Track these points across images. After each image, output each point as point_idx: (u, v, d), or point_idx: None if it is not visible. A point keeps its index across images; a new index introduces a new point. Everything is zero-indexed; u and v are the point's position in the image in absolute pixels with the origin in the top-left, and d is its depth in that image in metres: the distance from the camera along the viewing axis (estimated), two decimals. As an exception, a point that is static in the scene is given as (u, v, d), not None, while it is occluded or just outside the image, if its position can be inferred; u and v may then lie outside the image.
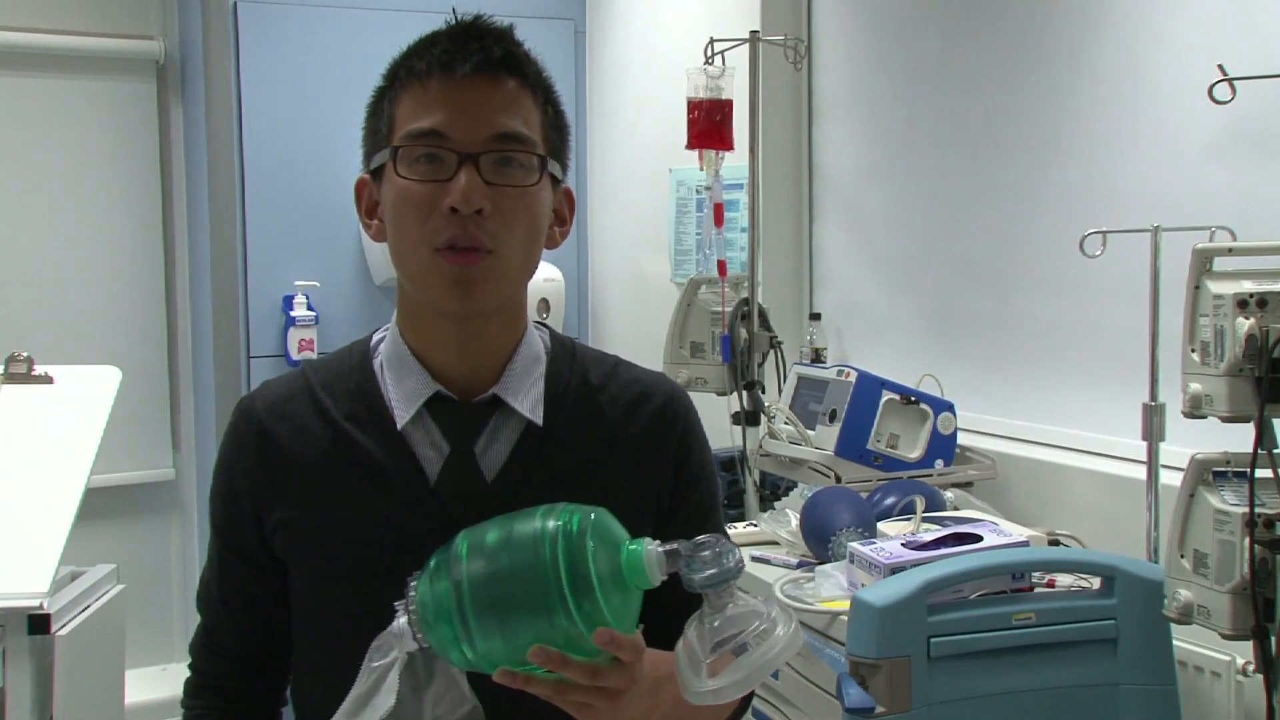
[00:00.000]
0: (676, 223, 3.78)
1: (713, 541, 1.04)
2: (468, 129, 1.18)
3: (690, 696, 1.04)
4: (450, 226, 1.17)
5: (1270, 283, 1.45)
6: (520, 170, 1.20)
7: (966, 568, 1.80)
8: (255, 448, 1.29)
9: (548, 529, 1.04)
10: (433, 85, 1.19)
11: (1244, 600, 1.42)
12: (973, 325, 2.83)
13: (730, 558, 1.03)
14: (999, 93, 2.70)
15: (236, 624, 1.34)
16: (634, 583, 1.04)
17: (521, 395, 1.26)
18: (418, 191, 1.18)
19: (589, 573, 1.02)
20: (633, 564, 1.04)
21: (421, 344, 1.27)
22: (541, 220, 1.24)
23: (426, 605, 1.05)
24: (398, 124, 1.21)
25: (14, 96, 4.04)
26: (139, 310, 4.25)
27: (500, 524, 1.07)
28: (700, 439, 1.36)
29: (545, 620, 1.02)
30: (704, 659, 1.04)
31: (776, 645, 1.03)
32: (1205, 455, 1.49)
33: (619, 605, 1.04)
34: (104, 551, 2.73)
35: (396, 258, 1.23)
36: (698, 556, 1.03)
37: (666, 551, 1.04)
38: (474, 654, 1.04)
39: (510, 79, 1.21)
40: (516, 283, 1.25)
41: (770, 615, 1.04)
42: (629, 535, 1.08)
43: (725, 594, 1.04)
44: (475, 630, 1.03)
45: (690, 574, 1.04)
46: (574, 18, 4.41)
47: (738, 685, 1.03)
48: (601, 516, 1.07)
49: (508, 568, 1.03)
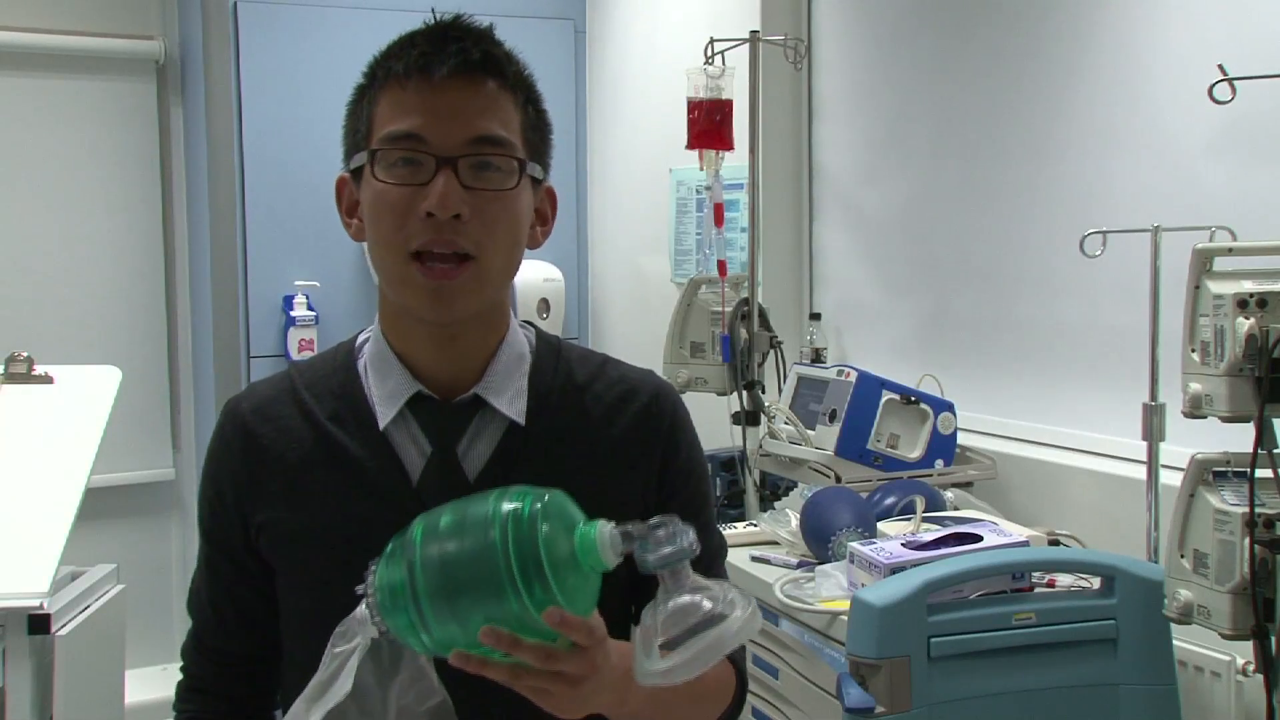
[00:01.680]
0: (676, 223, 3.78)
1: (667, 521, 1.03)
2: (445, 132, 1.17)
3: (640, 678, 1.03)
4: (426, 231, 1.16)
5: (1270, 283, 1.45)
6: (499, 174, 1.19)
7: (966, 568, 1.80)
8: (240, 449, 1.28)
9: (499, 511, 1.03)
10: (411, 87, 1.18)
11: (1244, 600, 1.42)
12: (973, 325, 2.83)
13: (684, 538, 1.02)
14: (999, 92, 2.71)
15: (226, 626, 1.33)
16: (588, 564, 1.03)
17: (504, 395, 1.25)
18: (395, 195, 1.17)
19: (539, 554, 1.01)
20: (586, 545, 1.03)
21: (403, 344, 1.26)
22: (522, 223, 1.23)
23: (383, 590, 1.04)
24: (376, 125, 1.20)
25: (14, 96, 4.04)
26: (139, 310, 4.25)
27: (454, 508, 1.06)
28: (688, 436, 1.35)
29: (495, 603, 1.00)
30: (656, 640, 1.02)
31: (732, 627, 1.01)
32: (1205, 455, 1.49)
33: (572, 588, 1.02)
34: (104, 551, 2.72)
35: (374, 260, 1.22)
36: (652, 536, 1.02)
37: (621, 532, 1.03)
38: (431, 640, 1.03)
39: (489, 81, 1.20)
40: (498, 287, 1.24)
41: (727, 598, 1.03)
42: (584, 517, 1.06)
43: (680, 575, 1.03)
44: (429, 615, 1.02)
45: (644, 554, 1.02)
46: (574, 18, 4.41)
47: (687, 666, 1.00)
48: (556, 497, 1.06)
49: (457, 551, 1.02)
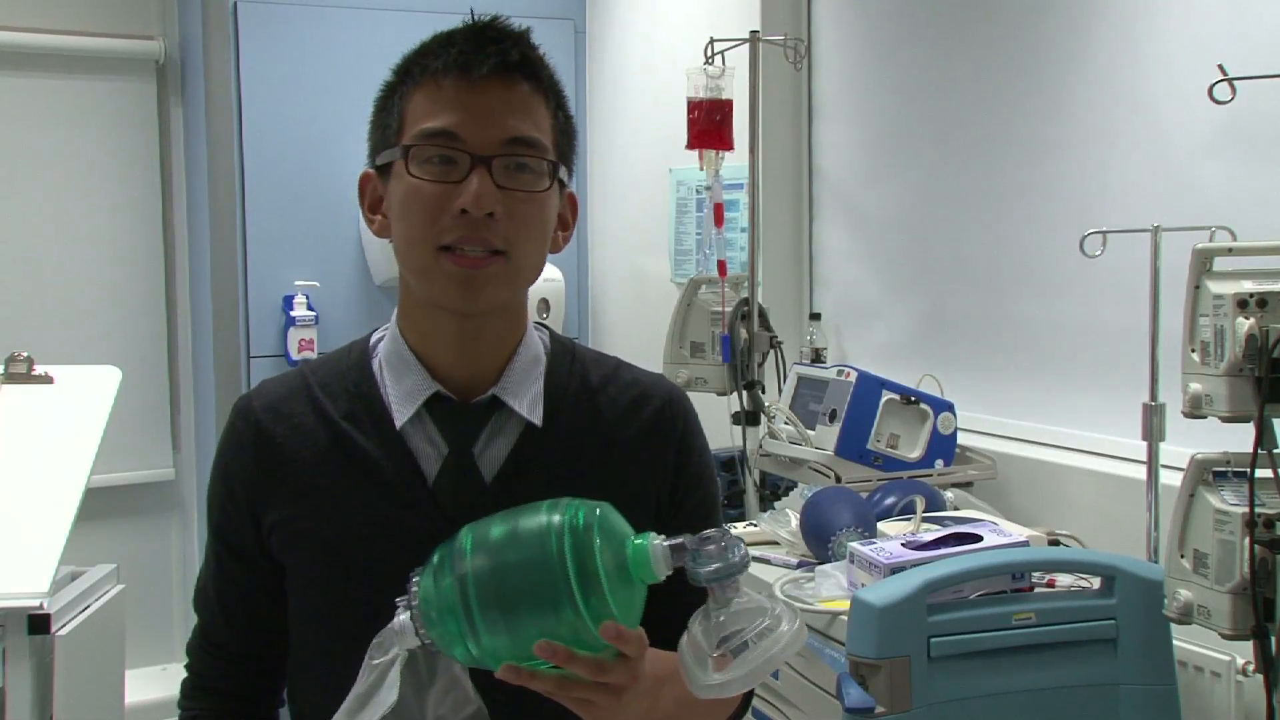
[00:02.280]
0: (676, 223, 3.78)
1: (718, 535, 1.04)
2: (482, 131, 1.18)
3: (697, 691, 1.04)
4: (459, 227, 1.17)
5: (1270, 283, 1.44)
6: (531, 175, 1.20)
7: (966, 568, 1.80)
8: (253, 447, 1.28)
9: (554, 523, 1.04)
10: (448, 85, 1.19)
11: (1244, 600, 1.42)
12: (973, 325, 2.83)
13: (735, 552, 1.04)
14: (999, 92, 2.70)
15: (234, 624, 1.33)
16: (639, 577, 1.04)
17: (521, 396, 1.26)
18: (428, 191, 1.18)
19: (596, 567, 1.02)
20: (639, 559, 1.04)
21: (422, 343, 1.26)
22: (550, 225, 1.24)
23: (430, 601, 1.05)
24: (409, 122, 1.20)
25: (14, 96, 4.04)
26: (139, 310, 4.25)
27: (505, 518, 1.07)
28: (700, 440, 1.36)
29: (552, 615, 1.01)
30: (710, 653, 1.04)
31: (781, 640, 1.03)
32: (1205, 455, 1.49)
33: (624, 600, 1.04)
34: (104, 551, 2.72)
35: (401, 254, 1.23)
36: (703, 550, 1.04)
37: (672, 546, 1.04)
38: (478, 650, 1.04)
39: (525, 83, 1.21)
40: (523, 285, 1.25)
41: (775, 611, 1.05)
42: (633, 530, 1.08)
43: (730, 588, 1.04)
44: (480, 626, 1.02)
45: (696, 568, 1.04)
46: (574, 18, 4.41)
47: (744, 680, 1.03)
48: (606, 511, 1.07)
49: (514, 563, 1.03)
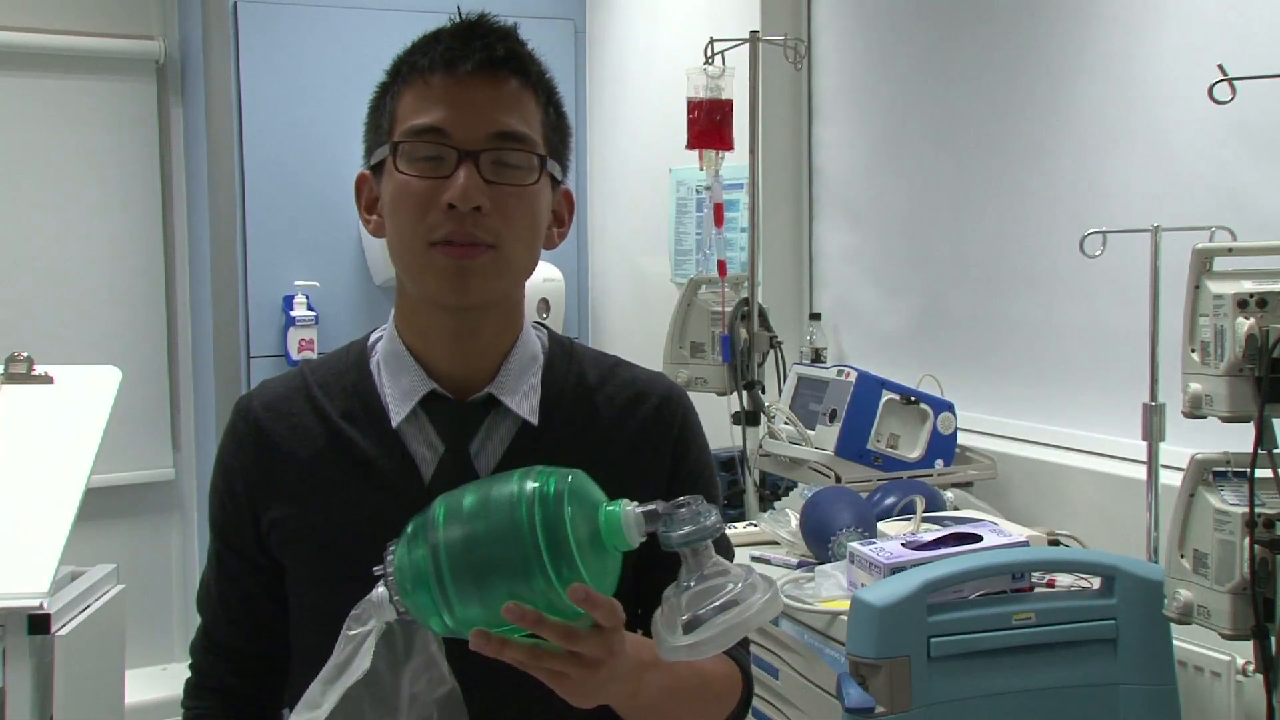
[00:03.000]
0: (676, 223, 3.78)
1: (690, 501, 1.04)
2: (468, 127, 1.19)
3: (665, 653, 1.04)
4: (448, 222, 1.18)
5: (1270, 283, 1.45)
6: (519, 169, 1.21)
7: (966, 568, 1.80)
8: (253, 446, 1.29)
9: (524, 491, 1.04)
10: (435, 82, 1.20)
11: (1244, 600, 1.42)
12: (973, 325, 2.83)
13: (707, 516, 1.03)
14: (999, 92, 2.70)
15: (235, 624, 1.34)
16: (612, 544, 1.04)
17: (517, 395, 1.26)
18: (417, 187, 1.19)
19: (566, 533, 1.01)
20: (611, 525, 1.04)
21: (418, 341, 1.27)
22: (540, 219, 1.25)
23: (404, 571, 1.05)
24: (399, 120, 1.22)
25: (14, 96, 4.04)
26: (139, 310, 4.25)
27: (477, 488, 1.07)
28: (698, 439, 1.36)
29: (523, 583, 1.01)
30: (680, 617, 1.03)
31: (754, 606, 1.02)
32: (1205, 455, 1.49)
33: (597, 567, 1.03)
34: (104, 551, 2.72)
35: (394, 252, 1.24)
36: (675, 515, 1.03)
37: (644, 512, 1.04)
38: (452, 620, 1.04)
39: (512, 78, 1.22)
40: (515, 279, 1.25)
41: (749, 579, 1.04)
42: (606, 497, 1.07)
43: (703, 554, 1.04)
44: (453, 595, 1.02)
45: (668, 532, 1.03)
46: (574, 18, 4.41)
47: (712, 642, 1.02)
48: (579, 478, 1.07)
49: (484, 531, 1.03)
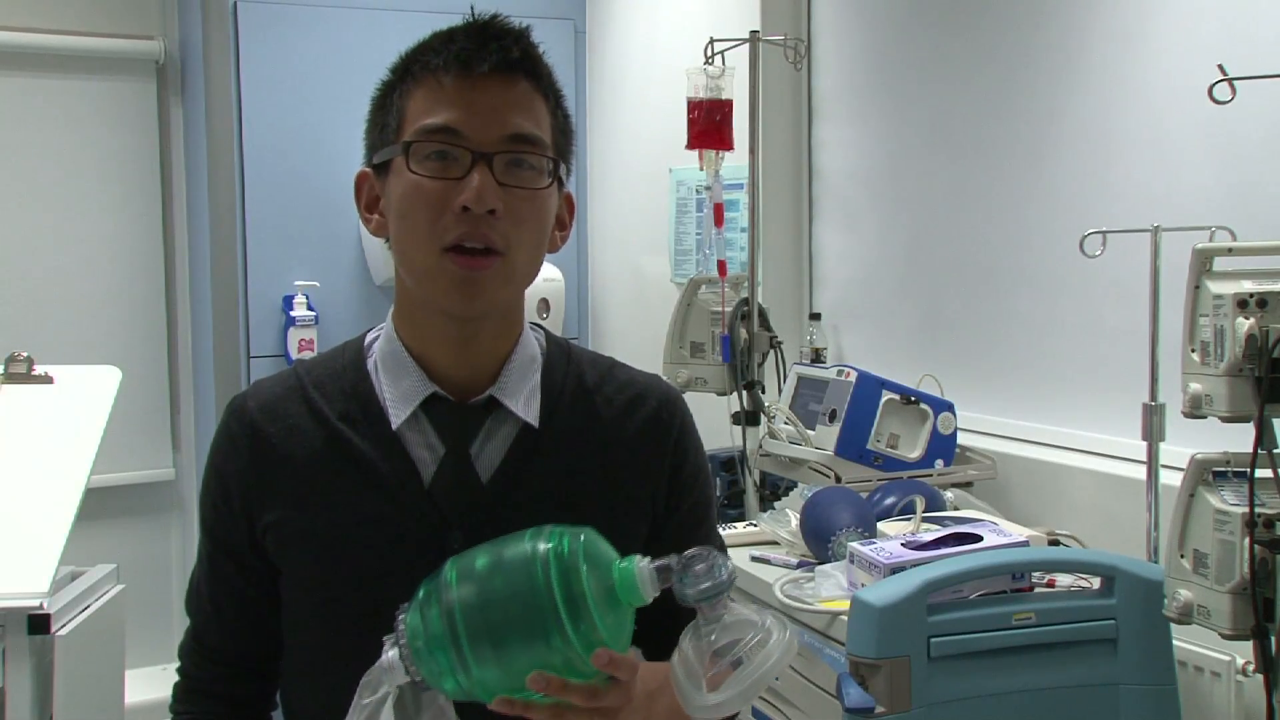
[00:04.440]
0: (676, 223, 3.78)
1: (704, 554, 1.03)
2: (483, 128, 1.18)
3: (693, 711, 1.03)
4: (461, 225, 1.17)
5: (1270, 283, 1.44)
6: (532, 172, 1.20)
7: (966, 568, 1.80)
8: (248, 448, 1.28)
9: (539, 551, 1.03)
10: (448, 82, 1.19)
11: (1244, 600, 1.42)
12: (973, 325, 2.83)
13: (723, 570, 1.03)
14: (999, 92, 2.70)
15: (226, 626, 1.32)
16: (627, 600, 1.04)
17: (517, 396, 1.26)
18: (429, 188, 1.18)
19: (584, 593, 1.01)
20: (625, 582, 1.03)
21: (418, 343, 1.26)
22: (548, 224, 1.24)
23: (418, 635, 1.03)
24: (409, 119, 1.20)
25: (14, 96, 4.04)
26: (139, 310, 4.25)
27: (489, 549, 1.06)
28: (695, 442, 1.36)
29: (542, 644, 1.00)
30: (703, 673, 1.03)
31: (774, 654, 1.02)
32: (1205, 455, 1.49)
33: (613, 624, 1.03)
34: (104, 551, 2.72)
35: (400, 254, 1.22)
36: (691, 570, 1.03)
37: (658, 567, 1.04)
38: (468, 682, 1.03)
39: (525, 80, 1.21)
40: (520, 285, 1.25)
41: (764, 624, 1.04)
42: (618, 554, 1.07)
43: (719, 606, 1.03)
44: (470, 657, 1.01)
45: (684, 588, 1.03)
46: (574, 18, 4.41)
47: (740, 698, 1.02)
48: (590, 536, 1.06)
49: (500, 592, 1.02)
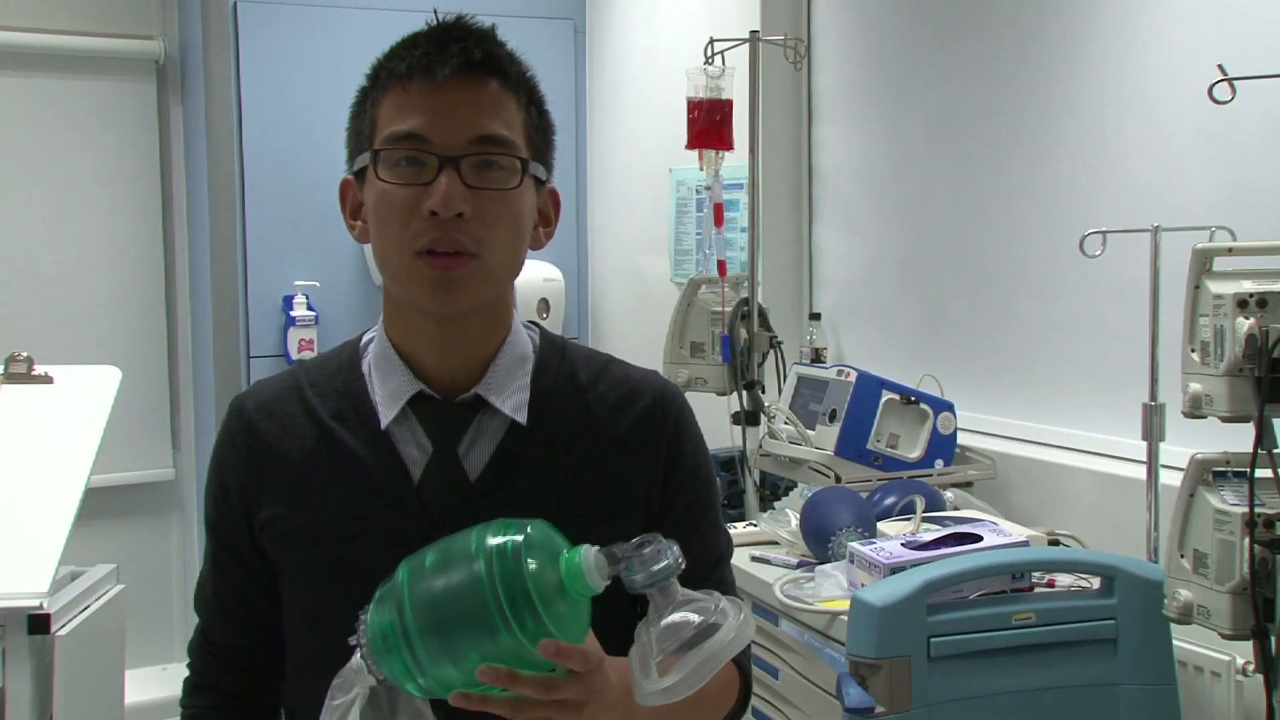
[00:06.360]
0: (676, 223, 3.78)
1: (650, 539, 1.02)
2: (448, 132, 1.18)
3: (641, 698, 1.02)
4: (431, 230, 1.17)
5: (1270, 283, 1.45)
6: (501, 173, 1.20)
7: (966, 568, 1.80)
8: (245, 446, 1.29)
9: (482, 546, 1.02)
10: (413, 88, 1.19)
11: (1244, 600, 1.42)
12: (972, 325, 2.83)
13: (669, 554, 1.02)
14: (999, 92, 2.70)
15: (232, 623, 1.34)
16: (576, 590, 1.02)
17: (504, 394, 1.26)
18: (398, 195, 1.18)
19: (526, 587, 1.00)
20: (571, 571, 1.02)
21: (405, 343, 1.27)
22: (524, 222, 1.24)
23: (375, 636, 1.04)
24: (379, 126, 1.21)
25: (14, 96, 4.04)
26: (139, 310, 4.25)
27: (438, 547, 1.06)
28: (694, 438, 1.35)
29: (489, 639, 1.00)
30: (653, 658, 1.01)
31: (726, 636, 1.00)
32: (1205, 455, 1.49)
33: (563, 616, 1.02)
34: (104, 551, 2.72)
35: (379, 259, 1.23)
36: (637, 556, 1.02)
37: (605, 554, 1.03)
38: (427, 682, 1.02)
39: (491, 80, 1.21)
40: (500, 284, 1.25)
41: (718, 608, 1.02)
42: (569, 544, 1.05)
43: (669, 591, 1.02)
44: (423, 657, 1.01)
45: (631, 574, 1.02)
46: (574, 18, 4.41)
47: (687, 682, 1.00)
48: (538, 527, 1.05)
49: (445, 590, 1.01)
